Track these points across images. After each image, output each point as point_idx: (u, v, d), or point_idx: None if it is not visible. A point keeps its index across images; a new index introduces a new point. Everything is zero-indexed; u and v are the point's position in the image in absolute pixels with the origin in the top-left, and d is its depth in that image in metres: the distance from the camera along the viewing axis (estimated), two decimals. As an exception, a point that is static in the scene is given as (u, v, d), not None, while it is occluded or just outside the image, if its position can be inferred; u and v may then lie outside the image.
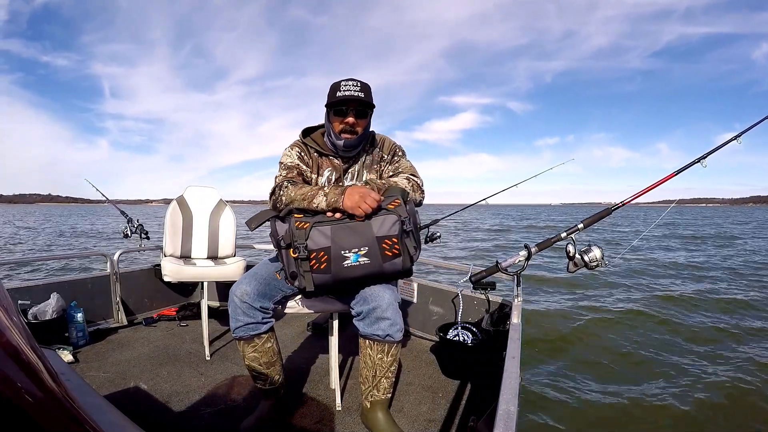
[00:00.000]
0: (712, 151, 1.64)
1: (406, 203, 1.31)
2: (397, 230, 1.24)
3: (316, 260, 1.22)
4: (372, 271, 1.25)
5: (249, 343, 1.39)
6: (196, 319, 2.59)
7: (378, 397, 1.40)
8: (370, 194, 1.25)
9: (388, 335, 1.33)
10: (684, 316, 4.80)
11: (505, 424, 0.74)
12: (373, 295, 1.32)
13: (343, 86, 1.37)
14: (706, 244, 13.13)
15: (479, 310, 2.13)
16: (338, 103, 1.38)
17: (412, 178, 1.48)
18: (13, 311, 0.45)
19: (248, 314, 1.34)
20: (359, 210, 1.23)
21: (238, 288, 1.34)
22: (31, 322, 2.06)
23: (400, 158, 1.58)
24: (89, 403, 0.78)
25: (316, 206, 1.29)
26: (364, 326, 1.35)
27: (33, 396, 0.39)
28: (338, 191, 1.28)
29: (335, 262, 1.23)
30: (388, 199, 1.31)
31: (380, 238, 1.24)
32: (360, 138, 1.45)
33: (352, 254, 1.23)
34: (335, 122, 1.42)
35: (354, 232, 1.24)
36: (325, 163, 1.51)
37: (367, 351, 1.38)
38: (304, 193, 1.31)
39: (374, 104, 1.42)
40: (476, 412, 1.54)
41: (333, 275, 1.24)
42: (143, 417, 1.48)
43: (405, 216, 1.26)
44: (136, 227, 3.04)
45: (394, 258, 1.26)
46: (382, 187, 1.39)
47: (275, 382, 1.46)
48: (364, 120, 1.43)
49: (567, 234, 1.59)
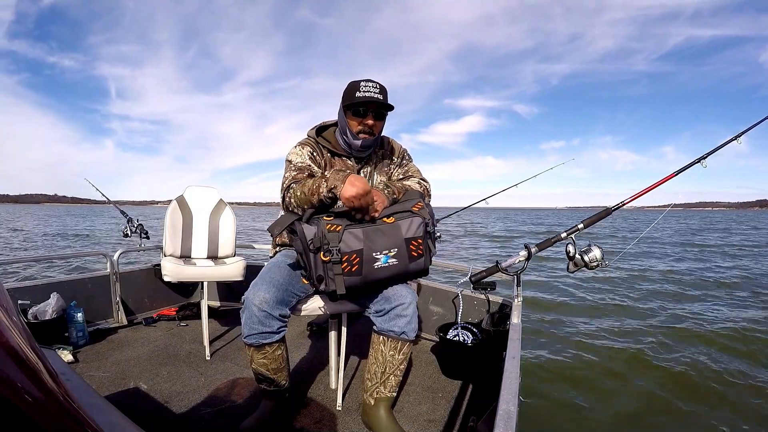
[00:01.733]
0: (713, 151, 1.64)
1: (427, 206, 1.36)
2: (422, 232, 1.30)
3: (348, 263, 1.22)
4: (399, 271, 1.29)
5: (259, 351, 1.35)
6: (196, 319, 2.59)
7: (384, 394, 1.41)
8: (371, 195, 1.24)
9: (403, 332, 1.36)
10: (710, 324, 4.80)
11: (505, 424, 0.74)
12: (396, 294, 1.37)
13: (363, 87, 1.38)
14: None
15: (479, 311, 2.13)
16: (358, 104, 1.38)
17: (422, 182, 1.55)
18: (13, 311, 0.45)
19: (264, 323, 1.30)
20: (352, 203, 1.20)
21: (256, 296, 1.29)
22: (31, 322, 2.05)
23: (409, 162, 1.63)
24: (89, 403, 0.78)
25: (326, 193, 1.25)
26: (382, 322, 1.38)
27: (33, 396, 0.39)
28: (340, 176, 1.23)
29: (367, 263, 1.24)
30: (412, 201, 1.36)
31: (408, 240, 1.28)
32: (375, 139, 1.48)
33: (383, 256, 1.25)
34: (353, 122, 1.42)
35: (384, 235, 1.26)
36: (338, 164, 1.52)
37: (379, 347, 1.40)
38: (310, 187, 1.29)
39: (393, 106, 1.44)
40: (476, 412, 1.54)
41: (363, 277, 1.25)
42: (143, 417, 1.48)
43: (427, 218, 1.32)
44: (136, 227, 3.05)
45: (419, 258, 1.31)
46: (401, 190, 1.43)
47: (281, 385, 1.45)
48: (382, 122, 1.46)
49: (567, 234, 1.59)
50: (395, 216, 1.30)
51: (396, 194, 1.42)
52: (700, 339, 3.99)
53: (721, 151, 1.66)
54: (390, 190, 1.40)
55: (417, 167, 1.61)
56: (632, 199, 1.65)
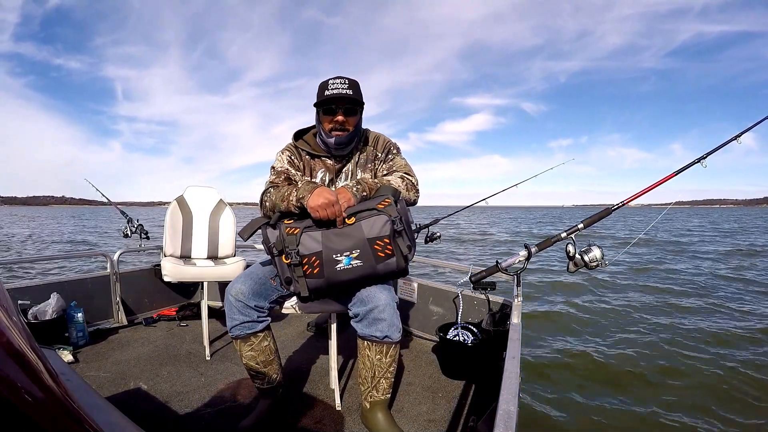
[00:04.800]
0: (713, 151, 1.64)
1: (397, 203, 1.29)
2: (388, 230, 1.23)
3: (309, 265, 1.23)
4: (366, 272, 1.25)
5: (246, 342, 1.39)
6: (196, 319, 2.59)
7: (377, 397, 1.40)
8: (336, 204, 1.24)
9: (386, 336, 1.32)
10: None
11: (505, 424, 0.74)
12: (371, 296, 1.31)
13: (330, 84, 1.38)
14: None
15: (479, 310, 2.13)
16: (327, 102, 1.38)
17: (406, 176, 1.46)
18: (13, 311, 0.45)
19: (243, 313, 1.35)
20: (317, 214, 1.23)
21: (233, 287, 1.36)
22: (31, 322, 2.06)
23: (395, 156, 1.55)
24: (89, 403, 0.78)
25: (294, 202, 1.29)
26: (362, 327, 1.35)
27: (33, 396, 0.39)
28: (309, 187, 1.28)
29: (328, 266, 1.23)
30: (378, 199, 1.29)
31: (371, 240, 1.23)
32: (351, 135, 1.44)
33: (344, 257, 1.23)
34: (325, 121, 1.42)
35: (344, 235, 1.24)
36: (318, 165, 1.51)
37: (365, 352, 1.37)
38: (282, 194, 1.33)
39: (363, 101, 1.42)
40: (476, 412, 1.54)
41: (327, 279, 1.24)
42: (143, 417, 1.48)
43: (395, 216, 1.24)
44: (136, 227, 3.05)
45: (388, 258, 1.25)
46: (374, 187, 1.37)
47: (273, 381, 1.46)
48: (354, 117, 1.43)
49: (567, 234, 1.59)
50: (356, 216, 1.26)
51: (367, 191, 1.35)
52: (710, 341, 3.99)
53: (727, 147, 1.66)
54: (360, 187, 1.34)
55: (405, 161, 1.53)
56: (632, 199, 1.66)
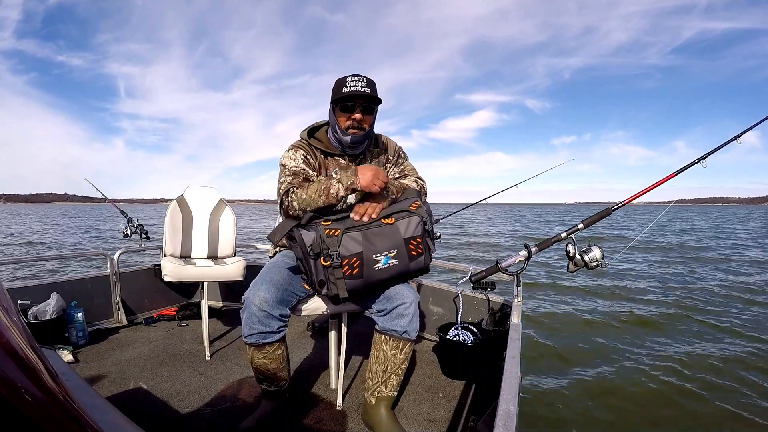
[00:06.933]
0: (712, 151, 1.64)
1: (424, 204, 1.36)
2: (420, 231, 1.30)
3: (349, 266, 1.23)
4: (400, 271, 1.30)
5: (259, 350, 1.35)
6: (196, 319, 2.59)
7: (385, 393, 1.41)
8: (380, 171, 1.32)
9: (405, 332, 1.36)
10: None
11: (505, 424, 0.74)
12: (398, 294, 1.37)
13: (349, 82, 1.37)
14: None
15: (479, 311, 2.13)
16: (345, 99, 1.37)
17: (419, 180, 1.55)
18: (13, 311, 0.45)
19: (264, 323, 1.30)
20: (375, 187, 1.30)
21: (256, 295, 1.29)
22: (31, 322, 2.05)
23: (405, 160, 1.62)
24: (89, 403, 0.78)
25: (335, 195, 1.30)
26: (384, 321, 1.38)
27: (33, 396, 0.39)
28: (350, 172, 1.32)
29: (367, 266, 1.24)
30: (409, 200, 1.36)
31: (407, 239, 1.29)
32: (366, 134, 1.44)
33: (383, 257, 1.26)
34: (341, 118, 1.40)
35: (384, 236, 1.26)
36: (331, 164, 1.50)
37: (381, 346, 1.40)
38: (317, 189, 1.31)
39: (381, 99, 1.42)
40: (476, 412, 1.54)
41: (365, 279, 1.25)
42: (143, 417, 1.48)
43: (425, 217, 1.32)
44: (136, 227, 3.05)
45: (419, 257, 1.32)
46: (399, 190, 1.43)
47: (281, 386, 1.45)
48: (370, 116, 1.43)
49: (567, 234, 1.59)
50: (394, 216, 1.30)
51: (395, 194, 1.42)
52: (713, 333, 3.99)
53: (729, 146, 1.66)
54: (389, 190, 1.39)
55: (413, 165, 1.60)
56: (632, 199, 1.67)
